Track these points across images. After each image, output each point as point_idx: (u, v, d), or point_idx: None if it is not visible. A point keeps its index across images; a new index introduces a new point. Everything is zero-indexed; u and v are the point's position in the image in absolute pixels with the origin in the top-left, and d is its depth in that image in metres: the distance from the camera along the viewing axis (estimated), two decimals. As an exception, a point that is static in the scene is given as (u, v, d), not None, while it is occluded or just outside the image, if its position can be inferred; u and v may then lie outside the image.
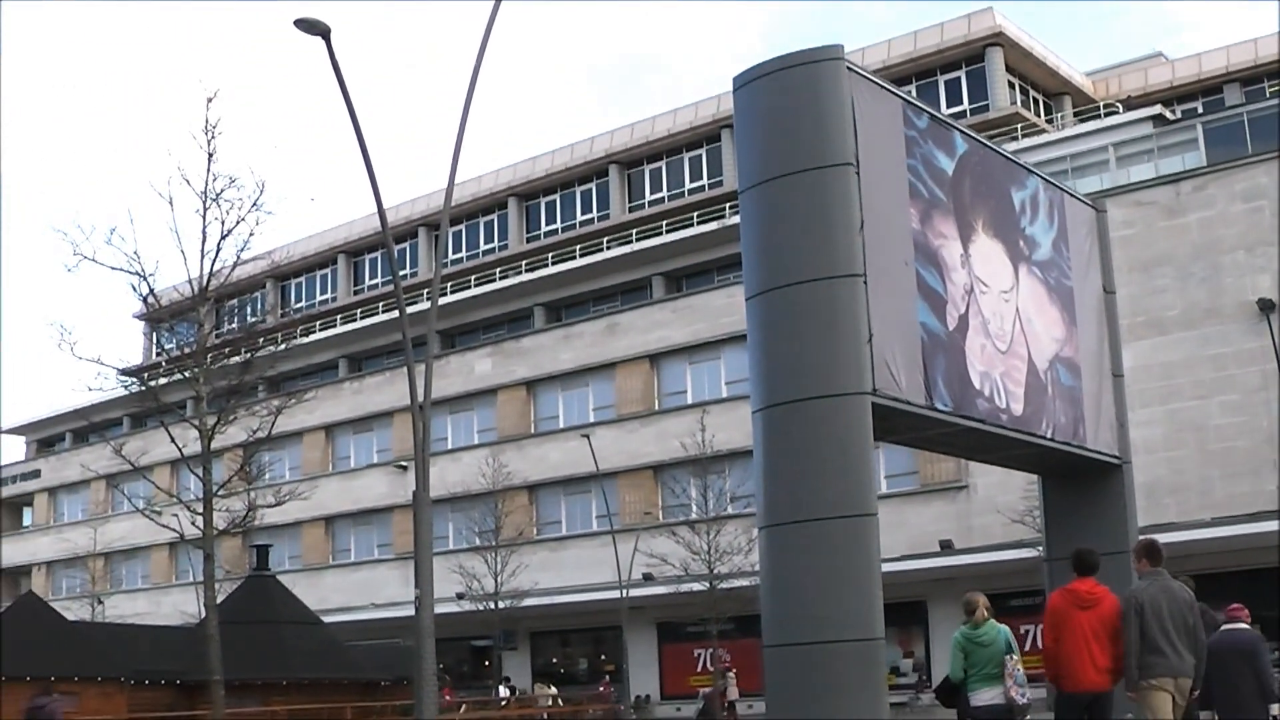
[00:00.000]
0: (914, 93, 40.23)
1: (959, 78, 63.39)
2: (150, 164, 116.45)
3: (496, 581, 53.65)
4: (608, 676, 53.85)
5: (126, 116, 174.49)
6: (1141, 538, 14.50)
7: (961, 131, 19.54)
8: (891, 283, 16.91)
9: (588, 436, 57.61)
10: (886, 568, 16.83)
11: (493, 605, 53.59)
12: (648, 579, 54.17)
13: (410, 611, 22.02)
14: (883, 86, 17.92)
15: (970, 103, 62.42)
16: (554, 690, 53.63)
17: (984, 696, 14.09)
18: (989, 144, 20.34)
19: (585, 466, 58.00)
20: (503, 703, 51.24)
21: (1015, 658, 14.05)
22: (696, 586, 48.40)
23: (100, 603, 73.00)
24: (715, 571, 47.73)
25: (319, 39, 20.14)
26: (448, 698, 51.41)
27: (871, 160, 16.73)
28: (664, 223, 68.11)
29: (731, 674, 50.32)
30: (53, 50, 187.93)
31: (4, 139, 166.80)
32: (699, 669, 56.06)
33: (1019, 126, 59.09)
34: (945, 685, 14.88)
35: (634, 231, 69.27)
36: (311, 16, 19.88)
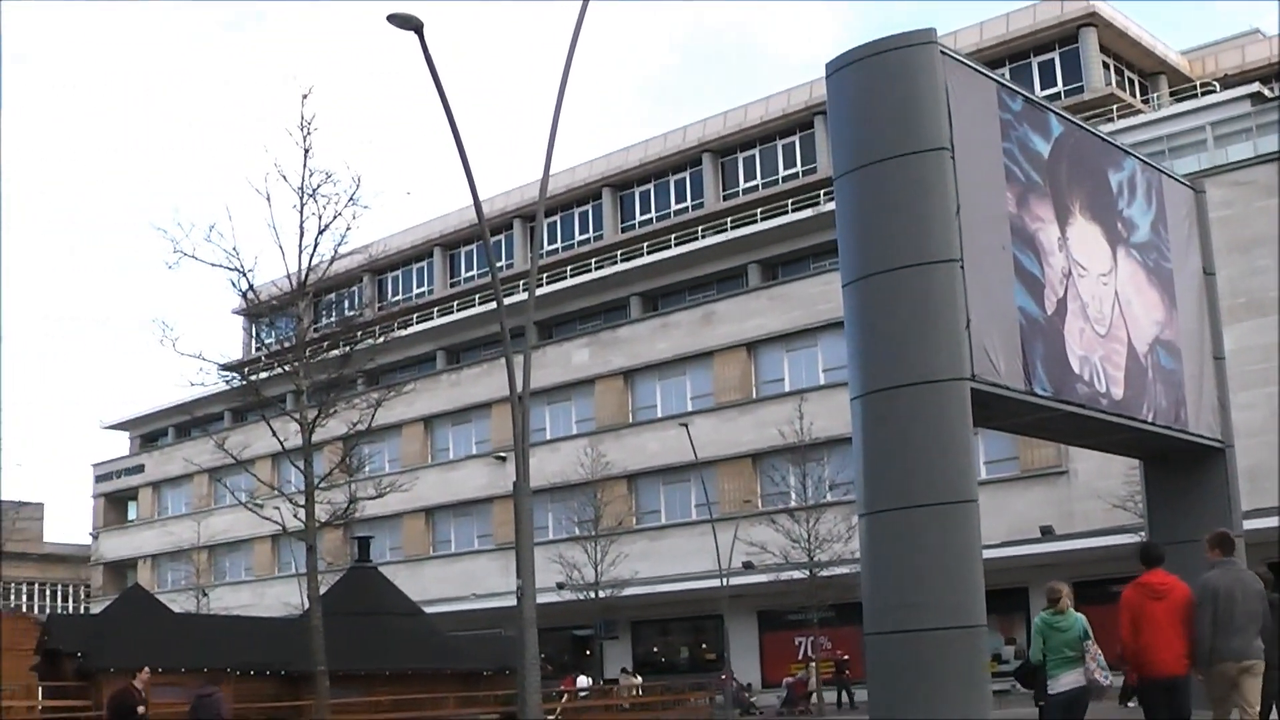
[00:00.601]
0: (1007, 75, 39.80)
1: (1053, 59, 62.71)
2: (248, 161, 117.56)
3: (596, 571, 53.72)
4: (728, 667, 53.51)
5: (225, 114, 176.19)
6: (1215, 530, 14.65)
7: (1057, 113, 19.38)
8: (989, 267, 16.82)
9: (686, 425, 57.54)
10: (987, 554, 16.75)
11: (593, 595, 53.66)
12: (748, 567, 54.10)
13: (511, 601, 22.08)
14: (976, 70, 17.84)
15: (1064, 84, 61.75)
16: (639, 679, 53.72)
17: (1064, 681, 14.60)
18: (1085, 126, 20.16)
19: (684, 455, 57.96)
20: (583, 693, 51.26)
21: (1092, 643, 14.60)
22: (797, 574, 48.25)
23: (204, 595, 73.85)
24: (815, 559, 47.57)
25: (412, 33, 20.23)
26: (566, 688, 51.76)
27: (967, 144, 16.64)
28: (758, 210, 67.86)
29: (813, 664, 51.07)
30: (150, 51, 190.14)
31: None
32: (799, 657, 55.94)
33: (1114, 107, 58.39)
34: (1024, 667, 15.91)
35: (729, 220, 69.05)
36: (404, 11, 19.98)
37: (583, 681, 53.25)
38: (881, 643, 16.32)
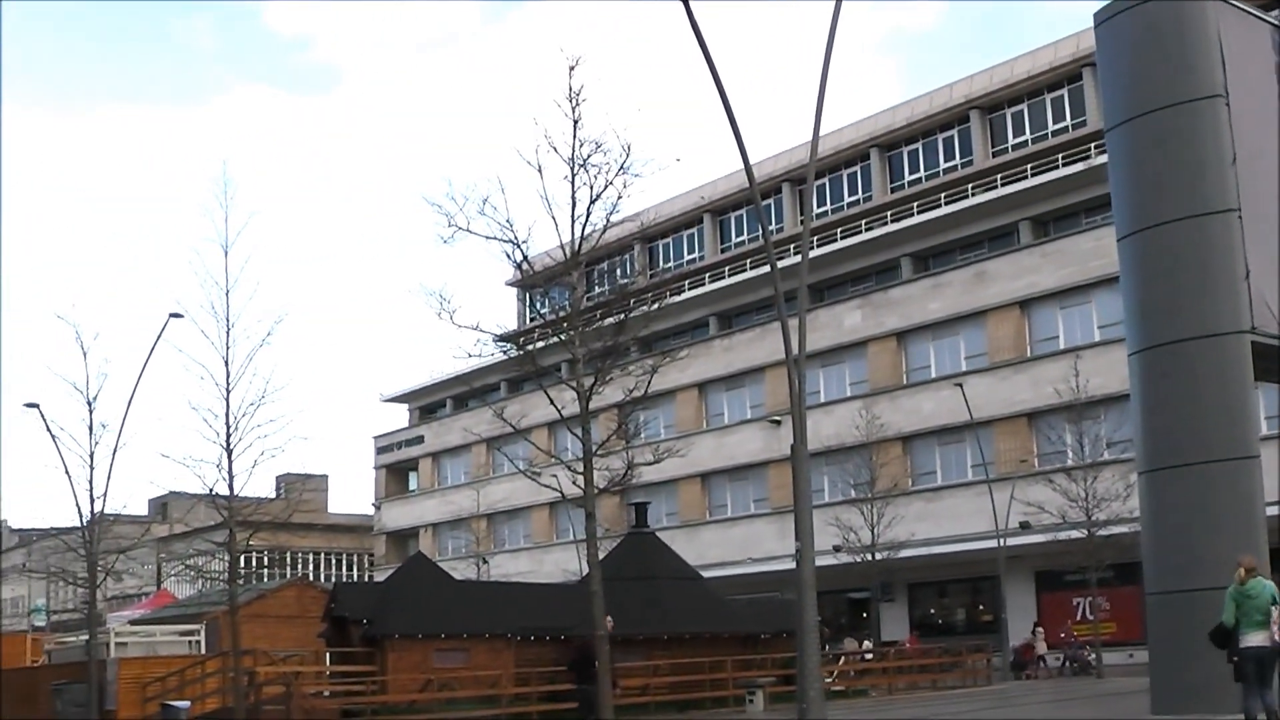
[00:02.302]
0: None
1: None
2: (518, 134, 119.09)
3: (873, 533, 53.49)
4: (1038, 628, 52.76)
5: (495, 88, 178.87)
6: None
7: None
8: (1267, 217, 16.41)
9: (960, 385, 57.07)
10: (1271, 511, 16.42)
11: (869, 557, 53.51)
12: (1024, 528, 53.45)
13: (788, 565, 22.14)
14: (1250, 13, 17.38)
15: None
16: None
17: (1252, 639, 16.59)
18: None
19: (958, 416, 57.49)
20: (864, 655, 51.04)
21: (1276, 608, 16.56)
22: (1074, 534, 47.46)
23: (484, 562, 75.41)
24: (1093, 518, 46.78)
25: (678, 0, 20.33)
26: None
27: (1242, 91, 16.25)
28: (1028, 166, 66.71)
29: (1040, 630, 51.38)
30: (418, 41, 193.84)
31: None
32: (1078, 618, 55.04)
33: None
34: (1219, 629, 16.88)
35: (998, 177, 67.99)
36: (670, -21, 20.04)
37: (849, 645, 53.18)
38: (1162, 602, 16.14)
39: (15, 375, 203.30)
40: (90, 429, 38.95)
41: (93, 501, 39.23)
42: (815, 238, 71.75)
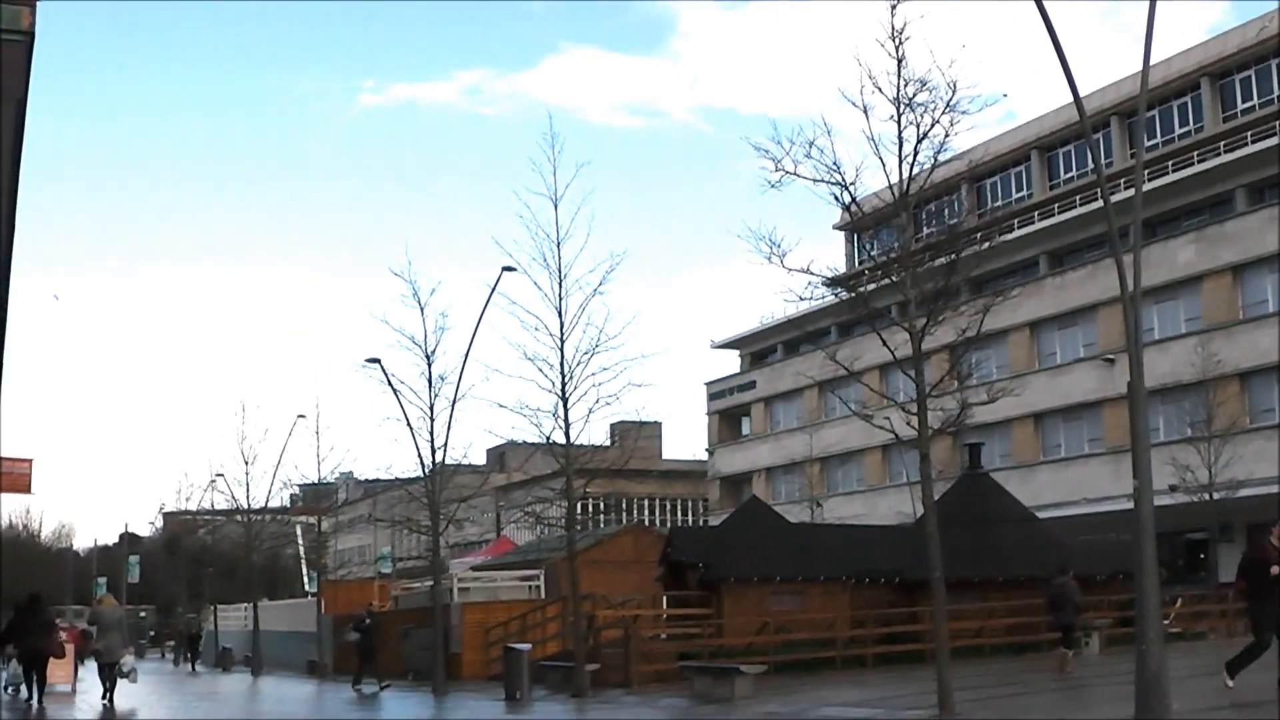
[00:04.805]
0: None
1: None
2: (841, 75, 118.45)
3: (1210, 473, 52.13)
4: None
5: (815, 29, 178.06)
6: None
7: None
8: None
9: (1302, 321, 55.34)
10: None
11: (1207, 497, 52.19)
12: (1375, 465, 51.61)
13: (1123, 506, 21.72)
14: None
15: None
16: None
17: None
18: None
19: (1301, 353, 55.73)
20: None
21: None
22: None
23: (818, 506, 75.51)
24: None
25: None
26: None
27: None
28: (1370, 92, 64.01)
29: None
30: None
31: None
32: None
33: None
34: None
35: (1339, 102, 65.41)
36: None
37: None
38: None
39: (357, 331, 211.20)
40: (429, 382, 40.17)
41: (434, 452, 40.45)
42: (1146, 171, 69.82)
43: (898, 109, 25.23)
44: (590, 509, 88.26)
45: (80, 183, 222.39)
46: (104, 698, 34.11)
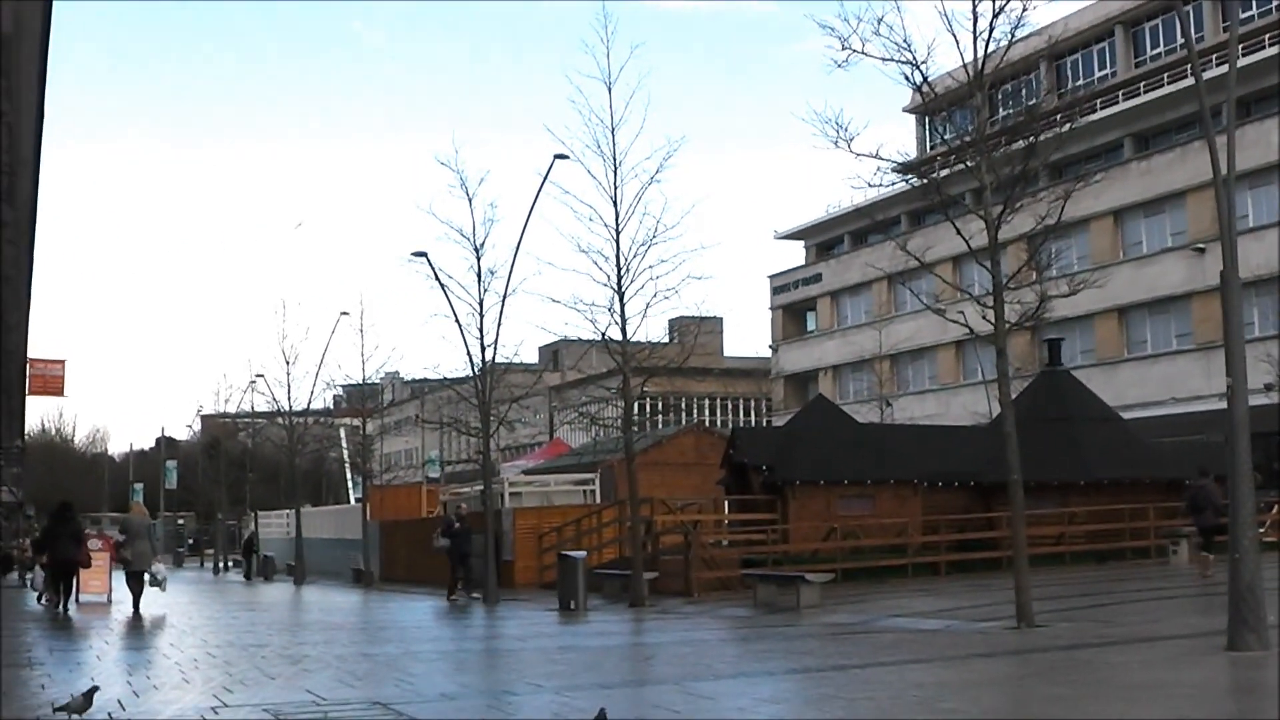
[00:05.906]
0: None
1: None
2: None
3: (1309, 370, 50.28)
4: None
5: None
6: None
7: None
8: None
9: None
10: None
11: (1305, 396, 50.36)
12: None
13: (1215, 405, 20.39)
14: None
15: None
16: None
17: None
18: None
19: (1404, 240, 53.46)
20: None
21: None
22: None
23: (888, 405, 74.01)
24: None
25: None
26: None
27: None
28: None
29: None
30: None
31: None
32: None
33: None
34: None
35: None
36: None
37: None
38: None
39: (403, 224, 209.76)
40: (479, 276, 38.90)
41: (483, 350, 39.27)
42: (1240, 46, 67.16)
43: (975, -19, 23.72)
44: (648, 409, 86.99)
45: (121, 63, 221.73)
46: (134, 606, 33.40)
